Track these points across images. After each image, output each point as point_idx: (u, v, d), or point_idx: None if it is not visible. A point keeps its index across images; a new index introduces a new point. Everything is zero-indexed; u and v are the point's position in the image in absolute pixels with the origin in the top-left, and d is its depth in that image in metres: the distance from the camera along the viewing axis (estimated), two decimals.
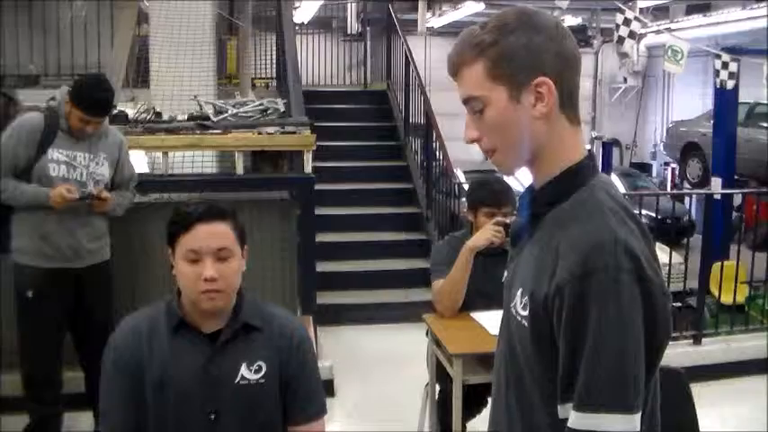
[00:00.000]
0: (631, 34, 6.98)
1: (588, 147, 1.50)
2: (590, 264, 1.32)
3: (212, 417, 2.06)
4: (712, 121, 11.78)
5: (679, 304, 7.62)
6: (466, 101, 1.46)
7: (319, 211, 5.47)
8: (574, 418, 1.33)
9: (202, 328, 2.10)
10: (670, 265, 5.96)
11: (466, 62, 1.43)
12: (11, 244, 3.85)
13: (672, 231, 8.36)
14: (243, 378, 2.08)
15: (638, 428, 1.33)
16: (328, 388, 4.52)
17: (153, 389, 2.05)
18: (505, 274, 1.57)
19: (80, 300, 3.94)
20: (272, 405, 2.13)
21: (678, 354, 5.07)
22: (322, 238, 5.92)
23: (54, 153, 3.76)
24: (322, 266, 5.59)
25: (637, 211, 5.72)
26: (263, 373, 2.10)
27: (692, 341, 5.45)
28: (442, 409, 3.53)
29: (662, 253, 6.68)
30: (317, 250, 5.19)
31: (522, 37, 1.39)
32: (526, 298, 1.41)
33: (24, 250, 3.82)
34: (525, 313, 1.41)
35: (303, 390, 2.17)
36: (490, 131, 1.44)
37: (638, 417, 1.33)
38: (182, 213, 2.06)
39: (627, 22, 6.89)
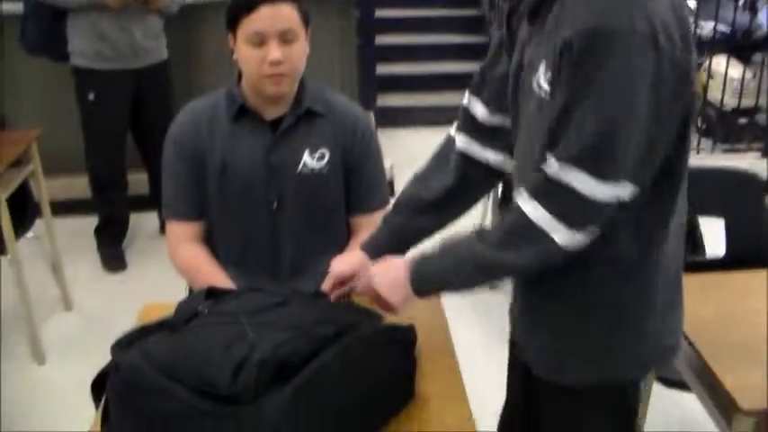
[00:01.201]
0: None
1: None
2: (601, 22, 1.23)
3: (274, 205, 2.05)
4: None
5: (745, 120, 7.41)
6: None
7: (379, 12, 5.27)
8: (553, 163, 1.29)
9: (264, 115, 2.04)
10: (743, 80, 5.72)
11: None
12: (68, 49, 3.83)
13: (746, 46, 7.97)
14: (305, 166, 2.05)
15: (613, 201, 1.29)
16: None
17: (214, 176, 2.04)
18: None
19: (140, 100, 3.96)
20: (335, 193, 2.11)
21: (745, 165, 4.94)
22: (381, 39, 5.74)
23: None
24: (382, 68, 5.46)
25: (711, 23, 5.43)
26: (326, 160, 2.06)
27: (759, 155, 5.38)
28: (504, 208, 3.52)
29: (733, 69, 6.43)
30: (376, 52, 5.05)
31: None
32: (549, 71, 1.32)
33: (83, 53, 3.80)
34: (547, 87, 1.33)
35: (366, 179, 2.15)
36: None
37: (617, 188, 1.28)
38: None
39: None
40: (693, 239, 3.06)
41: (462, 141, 1.66)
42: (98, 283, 3.97)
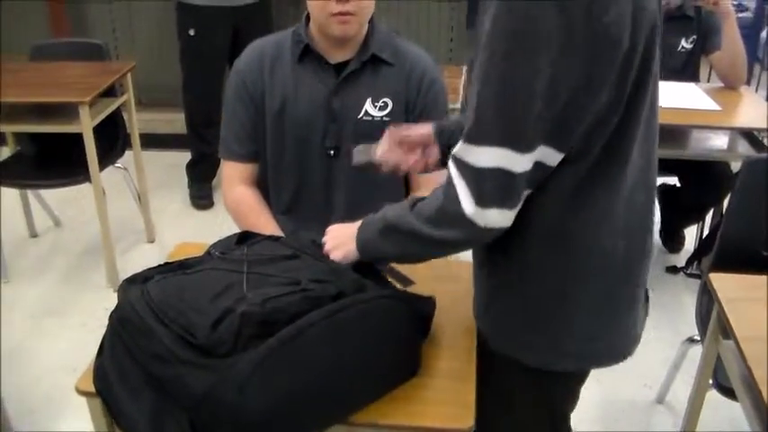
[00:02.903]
0: None
1: None
2: None
3: (331, 152, 1.99)
4: None
5: None
6: None
7: None
8: (458, 146, 1.19)
9: (329, 58, 1.97)
10: None
11: None
12: None
13: None
14: (366, 114, 1.97)
15: (524, 169, 1.15)
16: None
17: (273, 116, 1.98)
18: None
19: (239, 38, 3.94)
20: None
21: None
22: None
23: None
24: None
25: None
26: (388, 110, 1.98)
27: None
28: None
29: None
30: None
31: None
32: None
33: None
34: None
35: None
36: None
37: (527, 157, 1.14)
38: None
39: None
40: None
41: None
42: (183, 219, 4.04)
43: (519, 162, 1.15)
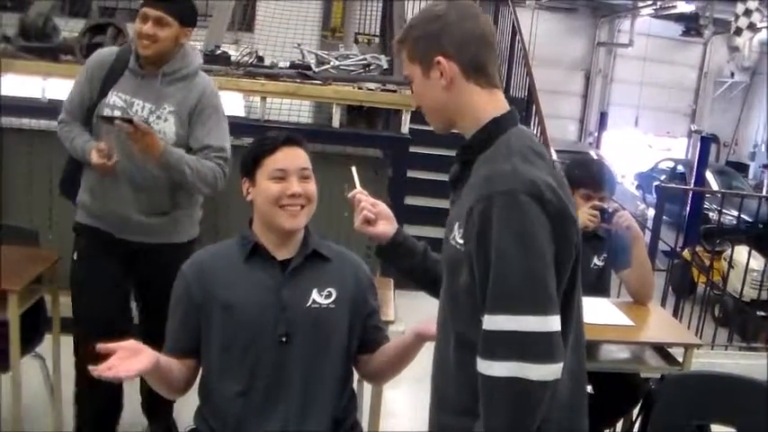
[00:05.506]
0: (751, 26, 6.68)
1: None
2: (492, 187, 1.58)
3: (283, 339, 2.13)
4: None
5: (764, 313, 7.37)
6: (405, 77, 1.85)
7: (412, 173, 5.41)
8: (487, 321, 1.55)
9: (275, 255, 2.19)
10: (764, 272, 5.74)
11: (400, 48, 1.82)
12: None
13: (766, 237, 8.08)
14: (314, 302, 2.17)
15: (555, 329, 1.53)
16: None
17: (222, 314, 2.13)
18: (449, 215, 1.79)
19: (140, 280, 3.32)
20: (343, 330, 2.21)
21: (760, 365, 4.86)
22: (411, 201, 5.84)
23: (113, 97, 3.08)
24: (408, 230, 5.50)
25: (735, 213, 5.66)
26: (333, 298, 2.19)
27: None
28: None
29: (755, 261, 6.45)
30: (404, 213, 5.14)
31: (420, 28, 1.76)
32: (462, 229, 1.65)
33: (80, 205, 3.26)
34: (462, 241, 1.65)
35: (371, 323, 2.27)
36: (418, 100, 1.83)
37: (553, 319, 1.54)
38: (267, 138, 2.22)
39: (748, 12, 6.59)
40: None
41: None
42: None
43: (538, 324, 1.53)
